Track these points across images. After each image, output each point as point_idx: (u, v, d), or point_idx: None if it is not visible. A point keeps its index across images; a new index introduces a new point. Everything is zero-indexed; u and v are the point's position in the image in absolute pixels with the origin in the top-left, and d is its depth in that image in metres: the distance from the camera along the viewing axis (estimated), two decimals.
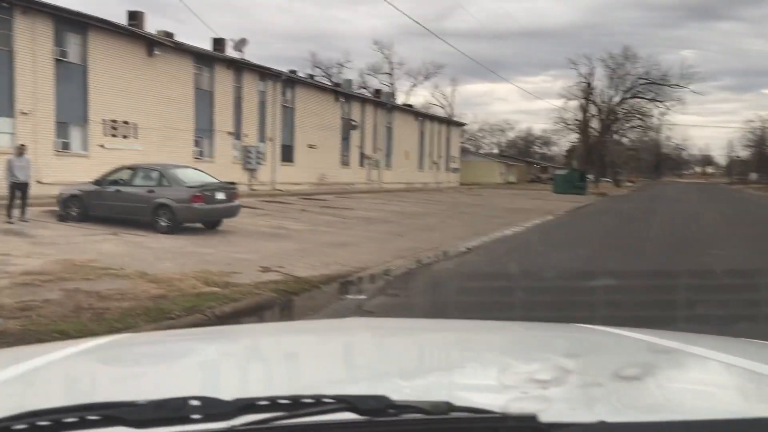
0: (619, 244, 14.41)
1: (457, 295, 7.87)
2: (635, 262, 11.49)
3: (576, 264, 11.05)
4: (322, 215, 18.92)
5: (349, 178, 35.41)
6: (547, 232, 17.62)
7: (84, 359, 1.46)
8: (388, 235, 14.95)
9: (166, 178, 12.70)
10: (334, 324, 2.93)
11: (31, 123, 17.01)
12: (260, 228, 14.83)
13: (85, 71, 18.62)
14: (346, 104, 35.00)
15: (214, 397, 0.86)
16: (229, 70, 24.94)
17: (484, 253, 12.70)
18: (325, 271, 9.58)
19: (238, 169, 25.91)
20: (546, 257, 12.06)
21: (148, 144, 21.08)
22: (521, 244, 14.44)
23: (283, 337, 1.83)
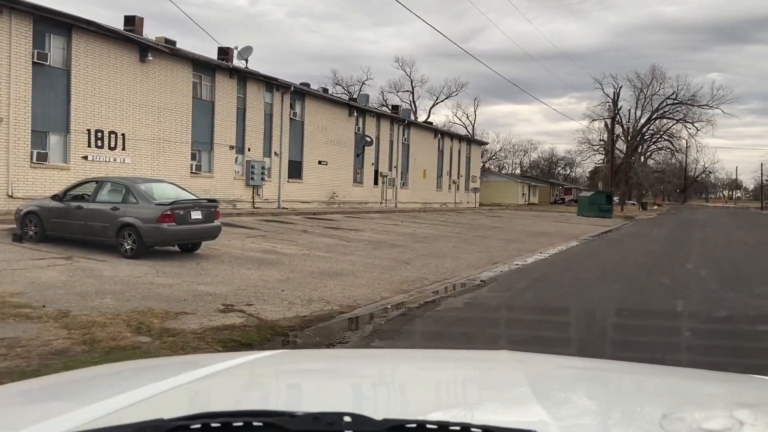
0: (659, 278, 12.31)
1: (464, 346, 6.03)
2: (682, 303, 9.42)
3: (612, 304, 9.00)
4: (323, 237, 17.09)
5: (361, 197, 33.66)
6: (573, 261, 15.54)
7: (244, 371, 1.56)
8: (393, 262, 13.03)
9: (132, 194, 10.99)
10: (482, 355, 2.73)
11: (2, 131, 15.54)
12: (247, 252, 13.04)
13: (68, 76, 17.19)
14: (361, 119, 33.38)
15: (365, 415, 0.92)
16: (232, 79, 23.46)
17: (500, 287, 10.72)
18: (303, 310, 7.72)
19: (240, 185, 24.29)
20: (575, 295, 10.04)
21: (139, 156, 19.55)
22: (544, 277, 12.42)
23: (432, 363, 1.84)
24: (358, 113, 32.61)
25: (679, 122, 72.76)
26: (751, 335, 7.36)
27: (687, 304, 9.31)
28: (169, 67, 20.57)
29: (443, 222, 27.83)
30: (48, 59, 16.43)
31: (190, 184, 21.43)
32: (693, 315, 8.33)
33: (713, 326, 7.68)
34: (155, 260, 10.85)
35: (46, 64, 16.58)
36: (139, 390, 1.28)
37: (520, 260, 14.80)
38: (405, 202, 38.44)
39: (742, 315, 8.57)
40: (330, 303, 8.36)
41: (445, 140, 45.17)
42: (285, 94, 26.63)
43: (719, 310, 8.84)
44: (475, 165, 51.39)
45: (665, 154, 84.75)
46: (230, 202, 23.69)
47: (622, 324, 7.66)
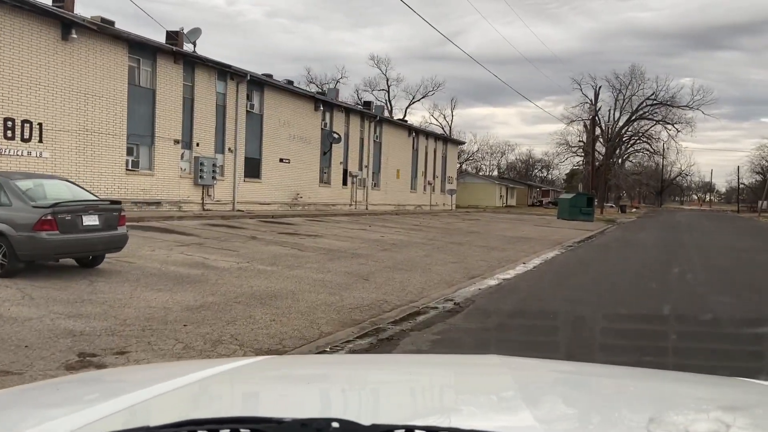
0: (666, 293, 10.21)
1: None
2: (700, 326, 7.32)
3: (634, 343, 6.76)
4: (272, 245, 14.69)
5: (329, 199, 31.27)
6: (563, 275, 13.41)
7: (231, 378, 1.54)
8: (349, 277, 10.73)
9: (5, 193, 8.48)
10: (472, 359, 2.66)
11: None
12: (168, 266, 10.61)
13: None
14: (328, 114, 31.00)
15: (353, 420, 0.91)
16: (177, 64, 20.90)
17: (479, 314, 8.53)
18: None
19: (188, 184, 21.73)
20: (577, 327, 7.81)
21: (60, 150, 16.92)
22: (532, 297, 10.26)
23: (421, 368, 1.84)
24: (325, 107, 30.23)
25: (659, 123, 71.86)
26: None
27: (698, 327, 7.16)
28: (99, 48, 17.96)
29: (416, 226, 25.61)
30: None
31: (125, 182, 18.84)
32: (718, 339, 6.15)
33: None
34: (33, 279, 8.37)
35: None
36: (124, 397, 1.27)
37: (502, 273, 12.63)
38: (377, 204, 36.16)
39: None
40: (243, 346, 6.03)
41: (420, 139, 43.01)
42: (240, 84, 24.13)
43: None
44: (451, 165, 49.36)
45: (642, 156, 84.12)
46: (175, 204, 21.14)
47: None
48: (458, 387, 1.60)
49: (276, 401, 1.38)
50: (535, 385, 1.58)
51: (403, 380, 1.64)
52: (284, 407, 1.30)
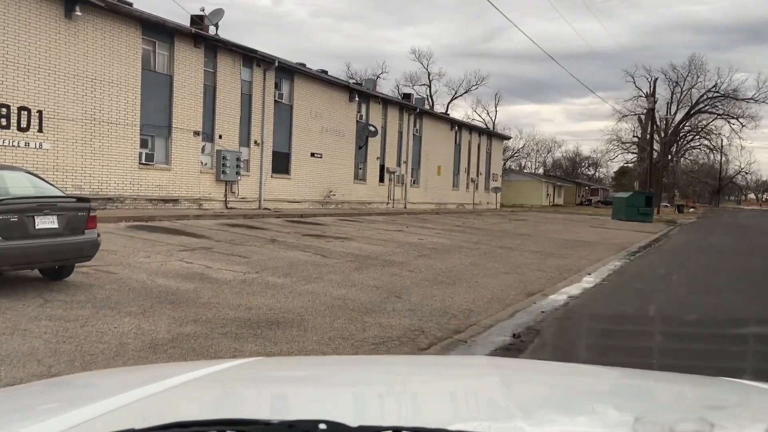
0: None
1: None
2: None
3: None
4: (292, 250, 12.71)
5: (364, 197, 29.26)
6: (641, 290, 11.00)
7: (218, 379, 1.53)
8: (377, 294, 8.66)
9: None
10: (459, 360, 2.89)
11: None
12: (157, 277, 8.74)
13: None
14: (364, 105, 28.97)
15: (341, 422, 0.92)
16: (198, 48, 19.19)
17: (547, 355, 6.32)
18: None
19: (209, 180, 20.02)
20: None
21: (63, 141, 15.36)
22: (614, 324, 7.89)
23: (407, 369, 1.83)
24: (360, 98, 28.20)
25: (720, 117, 67.22)
26: None
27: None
28: (108, 28, 16.34)
29: (458, 227, 23.34)
30: None
31: (138, 177, 17.22)
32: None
33: None
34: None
35: None
36: (111, 399, 1.27)
37: (567, 288, 10.35)
38: (416, 202, 33.98)
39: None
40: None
41: (463, 133, 40.58)
42: (268, 71, 22.30)
43: None
44: (496, 162, 46.73)
45: (698, 153, 79.32)
46: (195, 201, 19.46)
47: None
48: (445, 388, 1.57)
49: (263, 403, 1.38)
50: (522, 385, 1.56)
51: (391, 381, 1.63)
52: (272, 409, 1.32)
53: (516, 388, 1.50)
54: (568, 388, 1.61)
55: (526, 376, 1.72)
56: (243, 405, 1.36)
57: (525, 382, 1.62)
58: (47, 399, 1.40)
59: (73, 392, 1.49)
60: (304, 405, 1.33)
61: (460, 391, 1.54)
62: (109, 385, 1.54)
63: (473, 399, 1.45)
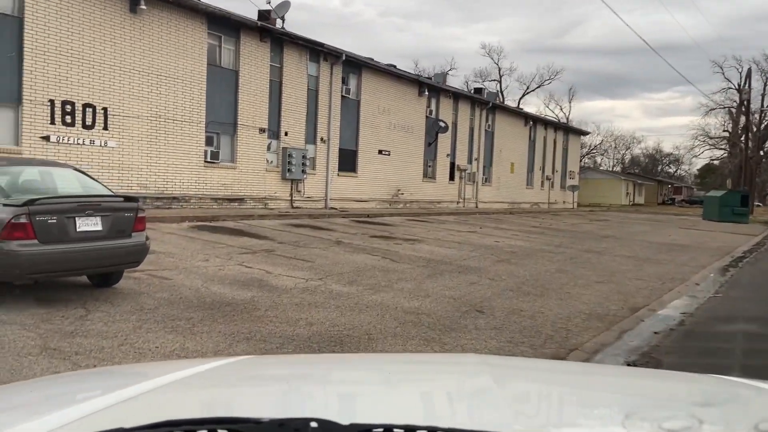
0: None
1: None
2: None
3: None
4: (359, 253, 11.80)
5: (433, 195, 28.15)
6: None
7: (209, 378, 1.52)
8: (455, 307, 7.59)
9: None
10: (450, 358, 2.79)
11: None
12: (211, 285, 8.02)
13: (19, 26, 12.94)
14: (434, 100, 27.84)
15: (332, 420, 0.91)
16: (264, 42, 18.67)
17: None
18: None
19: (274, 179, 19.49)
20: None
21: (128, 139, 15.11)
22: (754, 358, 6.41)
23: (399, 367, 1.83)
24: (430, 93, 27.09)
25: None
26: None
27: None
28: (174, 23, 16.01)
29: (536, 228, 21.82)
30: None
31: (203, 176, 16.84)
32: None
33: None
34: (9, 303, 5.98)
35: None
36: (99, 399, 1.27)
37: (675, 301, 8.93)
38: (487, 201, 32.52)
39: None
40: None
41: (538, 128, 38.67)
42: (335, 65, 21.57)
43: None
44: (573, 159, 44.42)
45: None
46: (260, 201, 18.96)
47: None
48: (437, 385, 1.57)
49: (254, 401, 1.37)
50: (514, 383, 1.58)
51: (382, 379, 1.63)
52: (263, 407, 1.30)
53: (508, 385, 1.50)
54: (560, 386, 1.61)
55: (518, 374, 1.72)
56: (234, 403, 1.36)
57: (517, 380, 1.62)
58: (35, 398, 1.40)
59: (62, 391, 1.47)
60: (295, 403, 1.33)
61: (452, 388, 1.53)
62: (99, 384, 1.53)
63: (465, 397, 1.43)
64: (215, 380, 1.53)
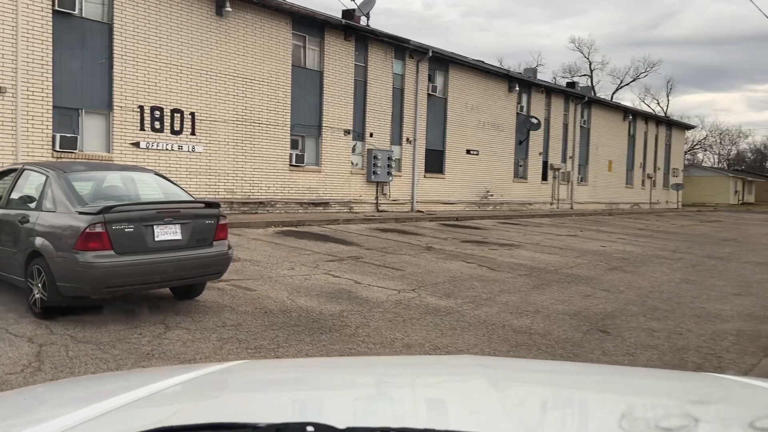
0: None
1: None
2: None
3: None
4: (452, 260, 10.92)
5: (525, 197, 26.77)
6: None
7: (206, 383, 1.53)
8: (573, 326, 6.60)
9: (51, 192, 5.84)
10: (446, 360, 2.78)
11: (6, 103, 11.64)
12: (297, 297, 7.45)
13: (109, 33, 13.05)
14: (525, 95, 26.49)
15: (328, 424, 0.93)
16: (348, 41, 18.19)
17: None
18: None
19: (359, 181, 18.97)
20: None
21: (215, 144, 15.03)
22: None
23: (395, 370, 1.82)
24: (521, 88, 25.77)
25: None
26: None
27: None
28: (258, 24, 15.81)
29: (642, 231, 20.03)
30: (75, 6, 12.32)
31: (289, 180, 16.57)
32: None
33: None
34: (85, 320, 5.61)
35: (73, 14, 12.52)
36: (98, 404, 1.26)
37: None
38: (583, 202, 30.63)
39: None
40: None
41: (638, 123, 36.16)
42: (421, 62, 20.80)
43: None
44: (676, 155, 41.30)
45: None
46: (345, 204, 18.50)
47: None
48: (433, 387, 1.58)
49: (251, 406, 1.38)
50: (509, 383, 1.57)
51: (378, 382, 1.63)
52: (259, 412, 1.32)
53: (503, 387, 1.48)
54: (555, 386, 1.59)
55: (513, 375, 1.71)
56: (230, 408, 1.35)
57: (512, 381, 1.60)
58: (30, 406, 1.39)
59: (58, 398, 1.47)
60: (292, 407, 1.34)
61: (448, 391, 1.52)
62: (96, 390, 1.52)
63: (460, 399, 1.41)
64: (212, 385, 1.53)
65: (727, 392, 1.51)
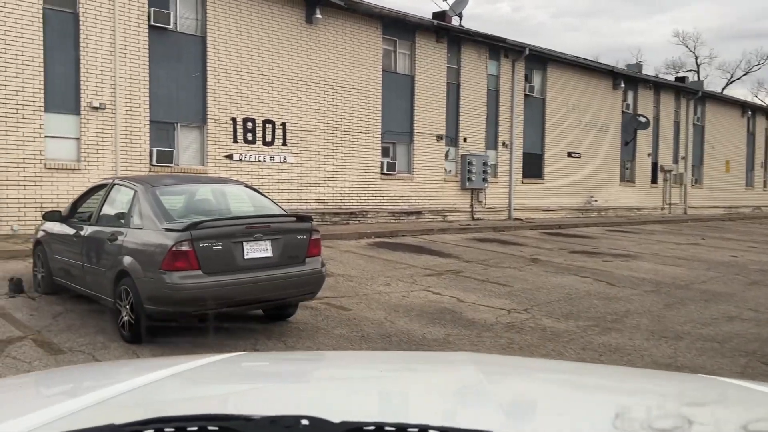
0: None
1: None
2: None
3: None
4: (562, 274, 9.93)
5: (633, 201, 24.91)
6: None
7: (200, 374, 1.52)
8: (727, 358, 5.55)
9: (138, 208, 5.57)
10: (441, 356, 2.79)
11: (106, 117, 11.89)
12: (396, 318, 6.87)
13: (202, 46, 13.12)
14: (631, 93, 24.71)
15: (323, 418, 0.92)
16: (440, 43, 17.53)
17: None
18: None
19: (453, 188, 18.22)
20: None
21: (306, 154, 14.83)
22: None
23: (390, 365, 1.81)
24: (626, 84, 24.03)
25: None
26: None
27: None
28: (348, 29, 15.51)
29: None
30: (169, 21, 12.45)
31: (380, 189, 16.11)
32: None
33: None
34: (167, 344, 5.25)
35: (167, 28, 12.66)
36: (91, 394, 1.26)
37: None
38: (698, 206, 28.16)
39: None
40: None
41: (758, 119, 32.97)
42: (517, 62, 19.77)
43: None
44: None
45: None
46: (438, 213, 17.79)
47: None
48: (428, 383, 1.57)
49: (246, 398, 1.37)
50: (503, 381, 1.58)
51: (374, 377, 1.62)
52: (254, 404, 1.30)
53: (499, 384, 1.49)
54: (549, 385, 1.60)
55: (509, 373, 1.70)
56: (225, 400, 1.34)
57: (508, 379, 1.60)
58: (27, 394, 1.38)
59: (54, 387, 1.47)
60: (287, 400, 1.34)
61: (443, 386, 1.50)
62: (91, 380, 1.51)
63: (457, 394, 1.42)
64: (207, 377, 1.52)
65: (722, 394, 1.51)
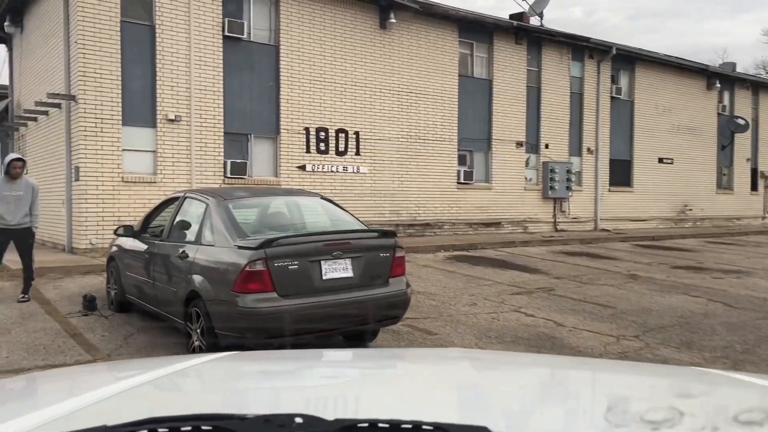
0: None
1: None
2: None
3: None
4: (669, 292, 8.91)
5: (731, 210, 23.03)
6: None
7: (193, 374, 1.52)
8: None
9: (210, 221, 5.19)
10: (434, 353, 2.79)
11: (174, 131, 11.83)
12: (489, 343, 6.27)
13: (275, 55, 12.88)
14: (727, 93, 22.91)
15: (317, 416, 0.92)
16: (520, 44, 16.68)
17: None
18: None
19: (534, 198, 17.27)
20: None
21: (379, 163, 14.36)
22: None
23: (383, 362, 1.82)
24: (722, 84, 22.28)
25: None
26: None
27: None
28: (423, 34, 14.96)
29: None
30: (236, 30, 12.29)
31: (456, 199, 15.44)
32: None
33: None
34: None
35: (242, 38, 12.53)
36: (83, 396, 1.26)
37: None
38: None
39: None
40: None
41: None
42: (602, 62, 18.63)
43: None
44: None
45: None
46: (518, 224, 16.89)
47: None
48: (421, 380, 1.57)
49: (239, 397, 1.36)
50: (497, 376, 1.58)
51: (367, 374, 1.62)
52: (247, 403, 1.30)
53: (491, 379, 1.50)
54: (542, 379, 1.60)
55: (501, 368, 1.70)
56: (219, 399, 1.34)
57: (500, 374, 1.60)
58: (20, 395, 1.38)
59: (47, 389, 1.47)
60: (281, 399, 1.33)
61: (436, 382, 1.51)
62: (83, 381, 1.52)
63: (449, 390, 1.42)
64: (200, 377, 1.51)
65: (712, 386, 1.50)
